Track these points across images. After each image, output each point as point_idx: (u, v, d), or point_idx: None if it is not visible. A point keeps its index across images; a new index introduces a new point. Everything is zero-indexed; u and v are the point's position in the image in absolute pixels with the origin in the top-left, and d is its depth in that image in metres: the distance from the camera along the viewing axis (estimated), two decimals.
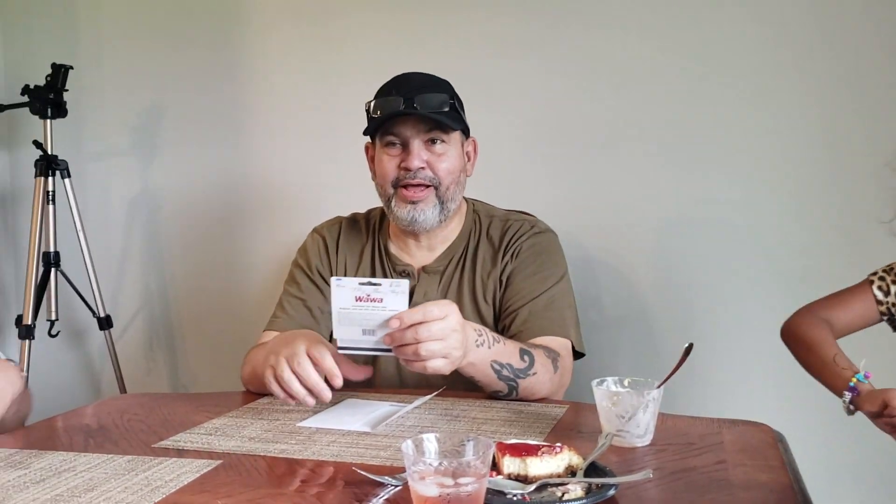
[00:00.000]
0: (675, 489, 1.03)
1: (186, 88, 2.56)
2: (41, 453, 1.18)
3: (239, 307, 2.55)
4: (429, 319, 1.21)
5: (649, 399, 1.19)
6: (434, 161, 1.60)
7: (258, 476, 1.09)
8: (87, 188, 2.63)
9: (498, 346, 1.40)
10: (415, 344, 1.21)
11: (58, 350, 2.69)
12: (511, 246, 1.67)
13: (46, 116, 2.45)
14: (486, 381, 1.41)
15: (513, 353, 1.42)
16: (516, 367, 1.42)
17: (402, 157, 1.60)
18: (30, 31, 2.69)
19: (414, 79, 1.62)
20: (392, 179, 1.61)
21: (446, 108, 1.58)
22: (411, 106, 1.55)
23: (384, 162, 1.62)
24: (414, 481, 0.91)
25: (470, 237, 1.71)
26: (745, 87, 2.08)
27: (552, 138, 2.23)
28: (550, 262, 1.67)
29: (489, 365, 1.38)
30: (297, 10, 2.44)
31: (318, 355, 1.30)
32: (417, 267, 1.70)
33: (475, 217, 1.74)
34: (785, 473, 1.08)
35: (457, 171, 1.63)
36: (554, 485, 1.01)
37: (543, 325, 1.58)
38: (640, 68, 2.15)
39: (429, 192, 1.60)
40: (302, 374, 1.29)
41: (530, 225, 1.71)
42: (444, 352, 1.24)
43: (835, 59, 2.02)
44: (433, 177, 1.60)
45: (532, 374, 1.44)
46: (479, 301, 1.66)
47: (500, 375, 1.40)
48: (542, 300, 1.61)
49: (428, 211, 1.61)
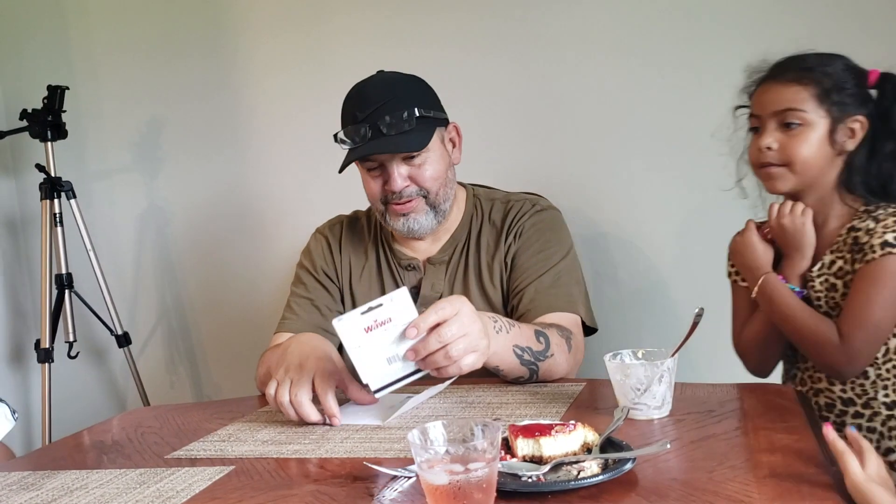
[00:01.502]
0: (695, 458, 1.01)
1: (184, 100, 2.55)
2: (54, 473, 1.17)
3: (256, 313, 2.55)
4: (445, 318, 1.17)
5: (663, 370, 1.16)
6: (416, 173, 1.57)
7: (270, 479, 1.08)
8: (94, 207, 2.63)
9: (515, 330, 1.37)
10: (441, 348, 1.17)
11: (80, 371, 2.70)
12: (514, 226, 1.65)
13: (47, 139, 2.45)
14: (509, 369, 1.38)
15: (529, 336, 1.40)
16: (535, 349, 1.40)
17: (384, 177, 1.57)
18: (22, 54, 2.69)
19: (374, 93, 1.56)
20: (380, 199, 1.60)
21: (413, 121, 1.52)
22: (377, 131, 1.51)
23: (369, 184, 1.61)
24: (423, 470, 0.89)
25: (472, 223, 1.69)
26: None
27: (558, 116, 2.19)
28: (554, 238, 1.64)
29: (511, 351, 1.36)
30: (287, 16, 2.41)
31: (322, 391, 1.29)
32: (422, 259, 1.68)
33: (476, 202, 1.72)
34: (808, 434, 1.05)
35: (442, 173, 1.60)
36: (569, 463, 0.98)
37: (551, 301, 1.55)
38: (654, 34, 2.10)
39: (418, 201, 1.58)
40: (299, 412, 1.29)
41: (531, 204, 1.69)
42: (471, 346, 1.20)
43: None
44: (419, 188, 1.58)
45: (550, 356, 1.42)
46: (486, 285, 1.64)
47: (522, 360, 1.38)
48: (548, 277, 1.58)
49: (421, 218, 1.59)
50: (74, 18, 2.63)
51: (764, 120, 1.43)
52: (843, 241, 1.41)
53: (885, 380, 1.39)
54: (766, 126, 1.42)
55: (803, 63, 1.41)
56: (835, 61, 1.42)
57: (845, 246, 1.41)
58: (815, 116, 1.39)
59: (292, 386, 1.30)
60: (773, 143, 1.41)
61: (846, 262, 1.40)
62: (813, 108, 1.39)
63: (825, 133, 1.39)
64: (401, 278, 1.67)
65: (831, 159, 1.41)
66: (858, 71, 1.43)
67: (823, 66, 1.40)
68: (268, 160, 2.50)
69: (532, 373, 1.41)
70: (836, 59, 1.43)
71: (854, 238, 1.40)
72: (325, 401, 1.29)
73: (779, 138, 1.41)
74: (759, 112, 1.44)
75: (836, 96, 1.39)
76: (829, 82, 1.39)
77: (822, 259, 1.43)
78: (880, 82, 1.42)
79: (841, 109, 1.39)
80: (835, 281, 1.41)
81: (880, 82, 1.42)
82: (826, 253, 1.43)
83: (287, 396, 1.29)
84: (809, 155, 1.39)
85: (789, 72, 1.41)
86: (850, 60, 1.44)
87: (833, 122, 1.39)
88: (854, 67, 1.43)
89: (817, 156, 1.40)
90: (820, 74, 1.39)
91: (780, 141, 1.40)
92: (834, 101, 1.39)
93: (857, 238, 1.39)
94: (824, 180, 1.43)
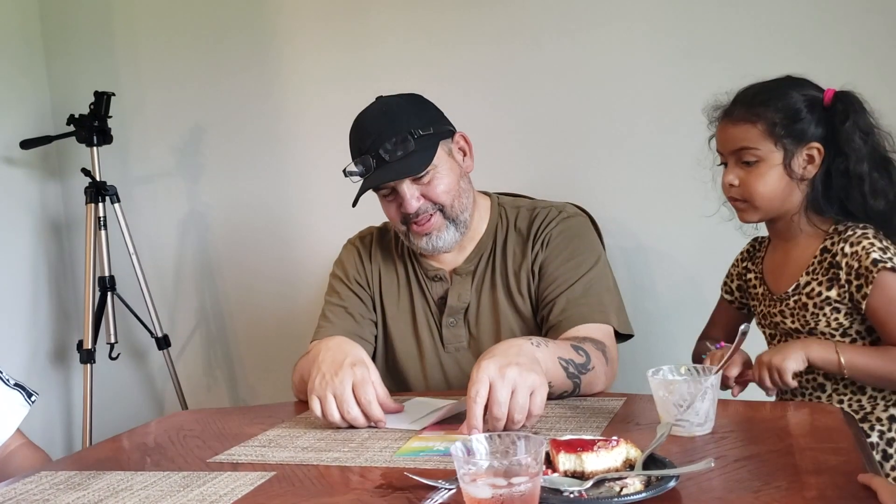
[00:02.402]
0: (739, 477, 0.99)
1: (226, 107, 2.59)
2: (99, 474, 1.19)
3: (293, 319, 2.57)
4: (486, 398, 1.18)
5: (707, 386, 1.15)
6: (427, 191, 1.58)
7: (311, 486, 1.09)
8: (137, 211, 2.68)
9: (552, 345, 1.37)
10: (508, 421, 1.19)
11: (120, 372, 2.74)
12: (540, 234, 1.64)
13: (93, 144, 2.50)
14: (558, 383, 1.36)
15: (569, 349, 1.39)
16: (577, 362, 1.39)
17: (398, 200, 1.60)
18: (72, 61, 2.75)
19: (370, 126, 1.60)
20: (400, 221, 1.62)
21: (412, 143, 1.54)
22: (381, 160, 1.55)
23: (387, 209, 1.64)
24: (465, 483, 0.89)
25: (497, 231, 1.69)
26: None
27: (599, 125, 2.19)
28: (583, 246, 1.63)
29: (558, 363, 1.35)
30: (330, 27, 2.43)
31: (365, 401, 1.31)
32: (448, 270, 1.68)
33: (500, 210, 1.71)
34: (857, 455, 1.03)
35: (453, 185, 1.60)
36: (612, 479, 0.98)
37: (583, 312, 1.54)
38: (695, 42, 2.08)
39: (436, 217, 1.60)
40: (351, 421, 1.32)
41: (558, 211, 1.68)
42: (528, 388, 1.19)
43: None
44: (434, 204, 1.59)
45: (591, 369, 1.41)
46: (514, 295, 1.63)
47: (567, 373, 1.37)
48: (579, 287, 1.57)
49: (443, 234, 1.61)
50: (121, 27, 2.69)
51: (725, 156, 1.48)
52: (819, 264, 1.43)
53: (881, 393, 1.42)
54: (729, 162, 1.47)
55: (754, 99, 1.43)
56: (788, 92, 1.42)
57: (820, 268, 1.43)
58: (767, 151, 1.41)
59: (339, 403, 1.31)
60: (734, 180, 1.45)
61: (820, 284, 1.42)
62: (764, 143, 1.41)
63: (780, 165, 1.41)
64: (428, 289, 1.68)
65: (792, 188, 1.43)
66: (812, 97, 1.42)
67: (773, 101, 1.41)
68: (307, 169, 2.52)
69: (576, 386, 1.40)
70: (790, 89, 1.43)
71: (830, 262, 1.42)
72: (370, 411, 1.31)
73: (739, 175, 1.44)
74: (721, 150, 1.49)
75: (785, 129, 1.40)
76: (778, 116, 1.40)
77: (798, 280, 1.45)
78: (833, 101, 1.42)
79: (794, 140, 1.40)
80: (806, 301, 1.44)
81: (833, 101, 1.42)
82: (802, 275, 1.45)
83: (337, 415, 1.31)
84: (767, 190, 1.42)
85: (739, 109, 1.44)
86: (808, 88, 1.43)
87: (787, 153, 1.41)
88: (808, 95, 1.42)
89: (776, 188, 1.42)
90: (769, 110, 1.40)
91: (740, 177, 1.44)
92: (784, 134, 1.40)
93: (833, 262, 1.41)
94: (790, 206, 1.45)
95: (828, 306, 1.42)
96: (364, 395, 1.31)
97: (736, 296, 1.65)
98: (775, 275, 1.53)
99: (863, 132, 1.40)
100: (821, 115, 1.42)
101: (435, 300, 1.67)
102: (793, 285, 1.46)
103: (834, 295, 1.41)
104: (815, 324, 1.43)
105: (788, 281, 1.48)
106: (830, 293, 1.42)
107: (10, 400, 1.55)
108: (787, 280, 1.48)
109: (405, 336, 1.68)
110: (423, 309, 1.67)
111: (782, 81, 1.45)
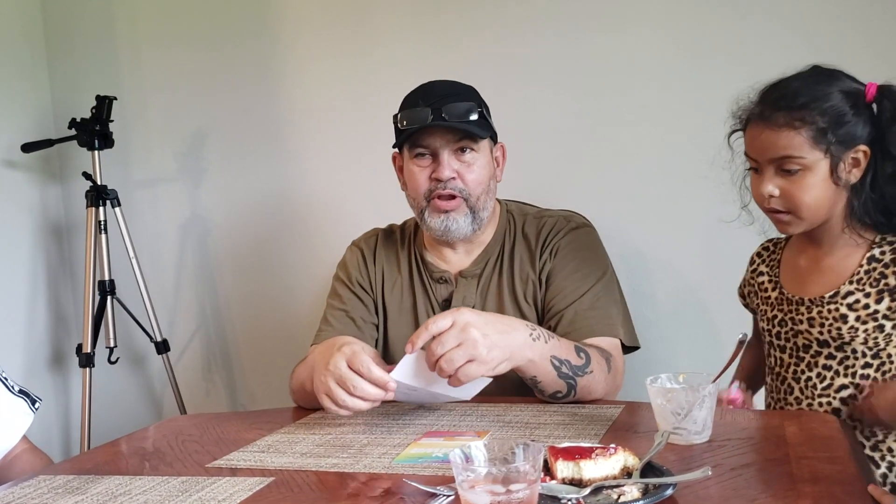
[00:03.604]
0: (736, 486, 1.00)
1: (228, 112, 2.59)
2: (98, 478, 1.20)
3: (293, 324, 2.57)
4: (438, 332, 1.23)
5: (704, 394, 1.15)
6: (463, 171, 1.59)
7: (310, 492, 1.09)
8: (138, 216, 2.68)
9: (553, 342, 1.39)
10: (441, 358, 1.23)
11: (119, 376, 2.74)
12: (548, 244, 1.65)
13: (94, 148, 2.50)
14: (547, 380, 1.39)
15: (569, 350, 1.41)
16: (574, 363, 1.40)
17: (432, 167, 1.60)
18: (74, 65, 2.75)
19: (439, 87, 1.62)
20: (424, 191, 1.62)
21: (474, 115, 1.57)
22: (439, 116, 1.55)
23: (415, 174, 1.62)
24: (464, 490, 0.90)
25: (505, 238, 1.69)
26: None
27: (597, 133, 2.20)
28: (591, 257, 1.64)
29: (549, 361, 1.37)
30: (332, 31, 2.44)
31: (364, 369, 1.30)
32: (454, 272, 1.69)
33: (509, 217, 1.72)
34: (852, 464, 1.03)
35: (486, 180, 1.62)
36: (609, 487, 0.98)
37: (591, 325, 1.55)
38: (695, 56, 2.09)
39: (459, 202, 1.60)
40: (362, 395, 1.30)
41: (566, 220, 1.68)
42: (467, 355, 1.23)
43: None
44: (463, 188, 1.60)
45: (589, 373, 1.42)
46: (521, 302, 1.64)
47: (559, 373, 1.38)
48: (587, 299, 1.58)
49: (460, 220, 1.61)
50: (123, 31, 2.69)
51: (761, 164, 1.35)
52: (866, 274, 1.34)
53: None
54: (764, 170, 1.35)
55: (794, 101, 1.30)
56: (829, 91, 1.30)
57: (868, 278, 1.34)
58: (813, 159, 1.30)
59: (343, 385, 1.30)
60: (774, 191, 1.33)
61: (868, 296, 1.33)
62: (810, 151, 1.29)
63: (827, 173, 1.31)
64: (433, 291, 1.68)
65: (839, 195, 1.34)
66: (855, 93, 1.31)
67: (817, 102, 1.29)
68: (308, 173, 2.53)
69: (570, 388, 1.41)
70: (829, 86, 1.31)
71: (882, 272, 1.33)
72: (372, 375, 1.29)
73: (780, 184, 1.33)
74: (755, 156, 1.36)
75: (833, 134, 1.29)
76: (824, 120, 1.28)
77: (839, 289, 1.36)
78: (878, 97, 1.31)
79: (840, 145, 1.29)
80: (846, 312, 1.34)
81: (878, 97, 1.31)
82: (844, 283, 1.35)
83: (349, 398, 1.30)
84: (814, 199, 1.32)
85: (780, 113, 1.30)
86: (845, 81, 1.32)
87: (833, 159, 1.30)
88: (850, 91, 1.31)
89: (822, 197, 1.32)
90: (814, 113, 1.28)
91: (781, 187, 1.33)
92: (831, 139, 1.29)
93: (888, 272, 1.33)
94: (835, 214, 1.36)
95: (872, 321, 1.33)
96: (360, 364, 1.30)
97: (748, 300, 1.56)
98: (799, 279, 1.43)
99: None
100: (866, 114, 1.30)
101: (439, 302, 1.67)
102: (830, 292, 1.36)
103: (883, 308, 1.32)
104: (850, 338, 1.34)
105: (822, 287, 1.38)
106: (879, 306, 1.32)
107: (15, 408, 1.54)
108: (819, 286, 1.38)
109: (406, 337, 1.67)
110: (426, 310, 1.67)
111: (818, 77, 1.33)
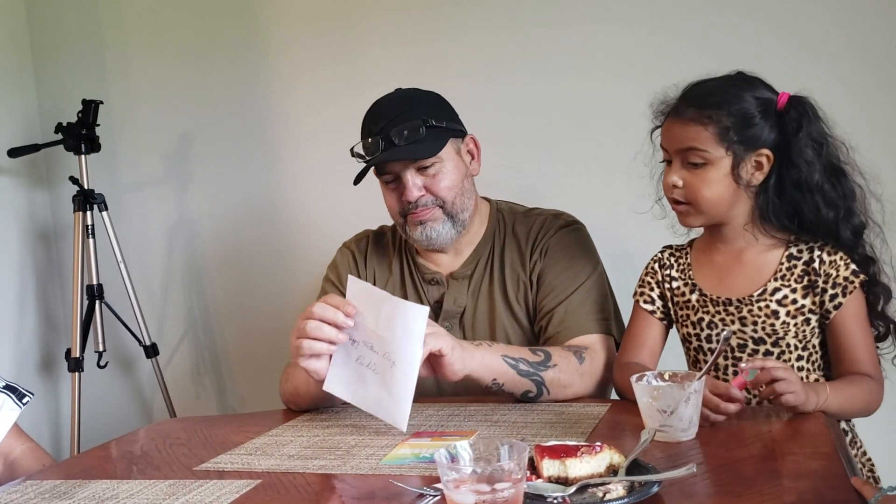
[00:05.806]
0: (722, 482, 1.00)
1: (215, 115, 2.59)
2: (85, 482, 1.19)
3: (281, 327, 2.56)
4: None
5: (690, 392, 1.16)
6: (431, 184, 1.59)
7: (297, 493, 1.09)
8: (125, 220, 2.67)
9: (500, 346, 1.44)
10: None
11: (108, 380, 2.73)
12: (539, 243, 1.65)
13: (81, 152, 2.49)
14: (508, 380, 1.40)
15: (521, 350, 1.44)
16: (531, 360, 1.42)
17: (400, 189, 1.61)
18: (59, 70, 2.75)
19: (385, 109, 1.61)
20: (398, 211, 1.63)
21: (424, 131, 1.55)
22: (390, 142, 1.55)
23: (387, 198, 1.65)
24: (449, 490, 0.90)
25: (495, 238, 1.70)
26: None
27: (584, 133, 2.20)
28: (581, 254, 1.64)
29: (502, 360, 1.39)
30: (317, 34, 2.45)
31: (318, 311, 1.31)
32: (445, 273, 1.69)
33: (499, 216, 1.72)
34: (837, 460, 1.04)
35: (458, 182, 1.62)
36: (595, 485, 0.98)
37: (582, 322, 1.55)
38: (681, 53, 2.10)
39: (435, 211, 1.60)
40: (329, 338, 1.31)
41: (555, 218, 1.69)
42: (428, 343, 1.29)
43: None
44: (435, 198, 1.60)
45: (553, 366, 1.43)
46: (512, 302, 1.64)
47: (518, 371, 1.40)
48: (577, 297, 1.58)
49: (439, 227, 1.61)
50: (110, 35, 2.69)
51: (671, 154, 1.41)
52: (788, 270, 1.38)
53: None
54: (673, 161, 1.40)
55: (706, 100, 1.36)
56: (742, 94, 1.36)
57: (791, 274, 1.38)
58: (716, 155, 1.35)
59: (305, 335, 1.32)
60: (678, 181, 1.39)
61: (794, 291, 1.37)
62: (714, 146, 1.34)
63: (728, 170, 1.35)
64: (424, 292, 1.68)
65: (739, 194, 1.38)
66: (767, 100, 1.36)
67: (728, 104, 1.34)
68: (296, 175, 2.53)
69: (538, 385, 1.42)
70: (744, 90, 1.36)
71: (804, 269, 1.37)
72: (334, 301, 1.32)
73: (684, 176, 1.38)
74: (666, 147, 1.42)
75: (737, 134, 1.34)
76: (730, 120, 1.34)
77: (766, 286, 1.39)
78: (787, 107, 1.36)
79: (744, 145, 1.34)
80: (777, 308, 1.38)
81: (787, 107, 1.36)
82: (770, 280, 1.39)
83: (315, 343, 1.32)
84: (712, 194, 1.36)
85: (692, 109, 1.36)
86: (761, 89, 1.37)
87: (735, 158, 1.35)
88: (762, 98, 1.36)
89: (722, 193, 1.37)
90: (722, 113, 1.34)
91: (684, 179, 1.38)
92: (735, 138, 1.34)
93: (810, 269, 1.37)
94: (735, 213, 1.40)
95: (801, 316, 1.38)
96: (316, 310, 1.32)
97: (658, 305, 1.52)
98: (719, 279, 1.44)
99: (816, 142, 1.35)
100: (773, 120, 1.36)
101: (430, 304, 1.67)
102: (758, 290, 1.39)
103: (808, 303, 1.37)
104: (783, 333, 1.38)
105: (747, 286, 1.40)
106: (805, 301, 1.37)
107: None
108: (743, 285, 1.41)
109: None
110: None
111: (735, 81, 1.39)
